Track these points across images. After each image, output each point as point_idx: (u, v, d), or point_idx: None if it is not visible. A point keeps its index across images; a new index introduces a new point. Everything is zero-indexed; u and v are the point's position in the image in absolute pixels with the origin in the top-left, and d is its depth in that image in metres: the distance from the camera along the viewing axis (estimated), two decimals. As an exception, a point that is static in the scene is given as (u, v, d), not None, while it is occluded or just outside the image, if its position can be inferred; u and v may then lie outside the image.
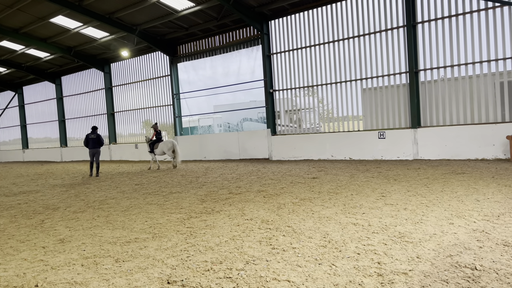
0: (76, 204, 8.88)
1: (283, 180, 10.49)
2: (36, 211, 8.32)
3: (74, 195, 10.31)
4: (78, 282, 4.07)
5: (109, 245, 5.35)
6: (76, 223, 6.89)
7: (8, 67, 25.94)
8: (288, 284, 3.66)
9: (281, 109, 17.48)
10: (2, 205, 9.40)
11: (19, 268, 4.63)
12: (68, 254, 5.06)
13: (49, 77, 27.58)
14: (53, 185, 13.06)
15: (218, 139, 19.72)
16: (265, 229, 5.63)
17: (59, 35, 20.31)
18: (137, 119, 23.88)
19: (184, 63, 20.78)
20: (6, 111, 33.05)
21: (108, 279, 4.08)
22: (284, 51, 16.97)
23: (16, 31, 20.01)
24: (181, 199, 8.61)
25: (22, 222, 7.33)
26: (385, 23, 14.37)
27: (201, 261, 4.45)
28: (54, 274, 4.36)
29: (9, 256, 5.18)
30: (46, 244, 5.65)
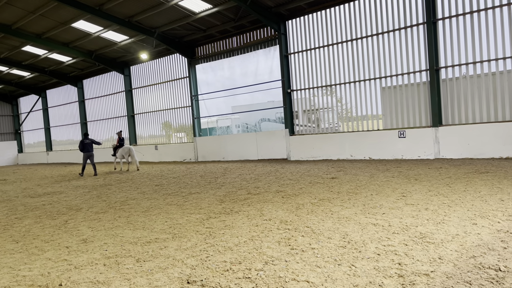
0: (98, 205, 9.05)
1: (302, 181, 10.46)
2: (60, 212, 8.52)
3: (96, 196, 10.52)
4: (100, 281, 4.15)
5: (130, 245, 5.44)
6: (98, 224, 7.03)
7: (32, 72, 26.65)
8: (307, 285, 3.65)
9: (299, 109, 17.42)
10: (28, 206, 9.66)
11: (44, 268, 4.76)
12: (90, 254, 5.17)
13: (71, 80, 28.20)
14: (76, 186, 13.35)
15: (236, 139, 19.79)
16: (284, 230, 5.62)
17: (81, 39, 20.75)
18: (157, 120, 24.19)
19: (202, 64, 20.93)
20: (31, 114, 33.95)
21: (129, 279, 4.15)
22: (302, 51, 16.91)
23: (39, 36, 20.54)
24: (200, 200, 8.68)
25: (46, 222, 7.52)
26: (404, 21, 14.15)
27: (220, 261, 4.48)
28: (78, 273, 4.46)
29: (34, 255, 5.32)
30: (70, 244, 5.79)
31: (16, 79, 29.51)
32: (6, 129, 35.04)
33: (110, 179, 14.72)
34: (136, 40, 20.53)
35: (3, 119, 34.90)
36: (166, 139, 24.39)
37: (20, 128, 35.44)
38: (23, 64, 25.51)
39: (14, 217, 8.35)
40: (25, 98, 34.43)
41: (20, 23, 18.89)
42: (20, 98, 34.95)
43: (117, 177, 15.27)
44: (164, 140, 24.43)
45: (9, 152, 35.01)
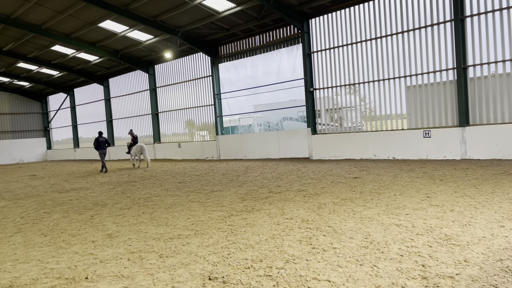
0: (123, 201, 9.25)
1: (324, 180, 10.39)
2: (86, 207, 8.76)
3: (121, 192, 10.74)
4: (124, 275, 4.25)
5: (153, 241, 5.55)
6: (122, 219, 7.19)
7: (61, 70, 27.40)
8: (329, 284, 3.64)
9: (321, 108, 17.29)
10: (56, 201, 9.96)
11: (71, 261, 4.91)
12: (115, 249, 5.30)
13: (98, 79, 28.86)
14: (102, 182, 13.67)
15: (258, 138, 19.82)
16: (305, 229, 5.61)
17: (107, 39, 21.20)
18: (180, 119, 24.48)
19: (225, 63, 21.05)
20: (59, 112, 34.92)
21: (152, 274, 4.24)
22: (325, 49, 16.78)
23: (68, 36, 21.10)
24: (222, 197, 8.75)
25: (73, 217, 7.74)
26: (431, 18, 13.84)
27: (241, 259, 4.51)
28: (103, 267, 4.58)
29: (62, 249, 5.49)
30: (96, 238, 5.94)
31: (46, 77, 30.41)
32: (35, 126, 36.16)
33: (134, 176, 15.00)
34: (161, 39, 20.82)
35: (33, 117, 36.04)
36: (189, 137, 24.66)
37: (49, 125, 36.51)
38: (52, 63, 26.26)
39: (43, 211, 8.63)
40: (54, 96, 35.44)
41: (49, 23, 19.45)
42: (49, 96, 36.01)
43: (141, 174, 15.55)
44: (187, 138, 24.70)
45: (38, 149, 36.14)
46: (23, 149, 35.00)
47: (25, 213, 8.57)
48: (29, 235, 6.47)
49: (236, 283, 3.81)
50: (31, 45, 23.08)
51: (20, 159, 34.70)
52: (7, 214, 8.53)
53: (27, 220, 7.76)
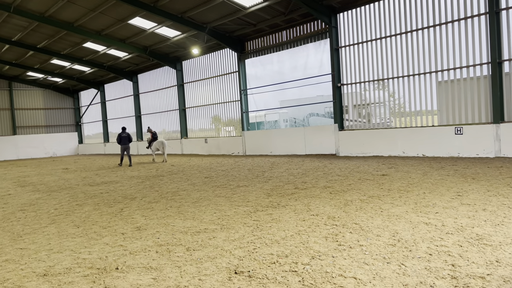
0: (151, 195, 9.45)
1: (351, 177, 10.28)
2: (116, 200, 8.99)
3: (149, 186, 10.97)
4: (153, 267, 4.36)
5: (180, 234, 5.65)
6: (151, 213, 7.35)
7: (92, 67, 28.17)
8: (355, 281, 3.61)
9: (349, 104, 17.07)
10: (87, 194, 10.28)
11: (102, 252, 5.06)
12: (144, 241, 5.43)
13: (127, 75, 29.48)
14: (131, 176, 14.00)
15: (284, 134, 19.78)
16: (331, 225, 5.57)
17: (136, 35, 21.61)
18: (207, 114, 24.72)
19: (252, 59, 21.07)
20: (90, 107, 35.92)
21: (180, 266, 4.32)
22: (353, 44, 16.52)
23: (99, 33, 21.63)
24: (248, 193, 8.80)
25: (104, 209, 7.97)
26: (464, 11, 13.38)
27: (267, 254, 4.53)
28: (132, 258, 4.71)
29: (93, 240, 5.67)
30: (125, 230, 6.10)
31: (78, 74, 31.32)
32: (68, 121, 37.37)
33: (162, 171, 15.28)
34: (188, 36, 21.04)
35: (65, 112, 37.24)
36: (215, 133, 24.88)
37: (81, 120, 37.63)
38: (84, 60, 27.01)
39: (75, 203, 8.93)
40: (85, 92, 36.48)
41: (81, 20, 19.99)
42: (81, 92, 37.10)
43: (168, 169, 15.82)
44: (213, 133, 24.93)
45: (70, 143, 37.35)
46: (56, 143, 36.23)
47: (59, 205, 8.89)
48: (63, 226, 6.71)
49: (262, 278, 3.84)
50: (64, 42, 23.81)
51: (53, 153, 35.95)
52: (42, 206, 8.87)
53: (61, 211, 8.05)
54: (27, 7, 19.02)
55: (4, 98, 33.87)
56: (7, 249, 5.49)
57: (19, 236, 6.17)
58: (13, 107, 34.18)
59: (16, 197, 10.48)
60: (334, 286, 3.53)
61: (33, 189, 12.09)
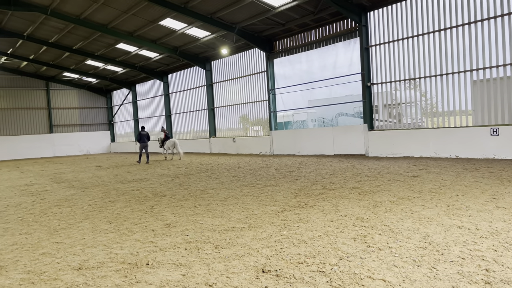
0: (180, 193, 9.61)
1: (380, 178, 10.11)
2: (147, 198, 9.21)
3: (179, 184, 11.17)
4: (182, 263, 4.44)
5: (209, 232, 5.73)
6: (180, 210, 7.48)
7: (124, 67, 28.91)
8: (384, 284, 3.56)
9: (379, 103, 16.77)
10: (119, 191, 10.57)
11: (133, 248, 5.20)
12: (173, 238, 5.54)
13: (158, 75, 30.07)
14: (161, 174, 14.28)
15: (312, 134, 19.65)
16: (360, 227, 5.51)
17: (167, 36, 22.00)
18: (235, 114, 24.88)
19: (280, 58, 21.04)
20: (122, 106, 36.86)
21: (208, 264, 4.39)
22: (384, 43, 16.21)
23: (131, 34, 22.17)
24: (276, 192, 8.81)
25: (135, 206, 8.18)
26: (501, 7, 12.87)
27: (294, 254, 4.53)
28: (162, 255, 4.82)
29: (125, 236, 5.83)
30: (155, 227, 6.25)
31: (111, 74, 32.21)
32: (101, 120, 38.51)
33: (191, 169, 15.51)
34: (217, 36, 21.23)
35: (99, 111, 38.39)
36: (243, 132, 25.01)
37: (113, 119, 38.68)
38: (117, 60, 27.75)
39: (107, 200, 9.20)
40: (118, 92, 37.47)
41: (114, 22, 20.54)
42: (114, 91, 38.13)
43: (197, 167, 16.04)
44: (241, 133, 25.07)
45: (103, 141, 38.47)
46: (89, 141, 37.41)
47: (92, 201, 9.19)
48: (96, 221, 6.94)
49: (289, 277, 3.85)
50: (98, 43, 24.54)
51: (87, 151, 37.12)
52: (76, 202, 9.20)
53: (94, 207, 8.32)
54: (63, 10, 19.72)
55: (41, 97, 35.24)
56: (44, 242, 5.73)
57: (55, 231, 6.42)
58: (50, 107, 35.51)
59: (53, 193, 10.90)
60: (362, 288, 3.50)
61: (68, 185, 12.53)
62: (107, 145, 38.73)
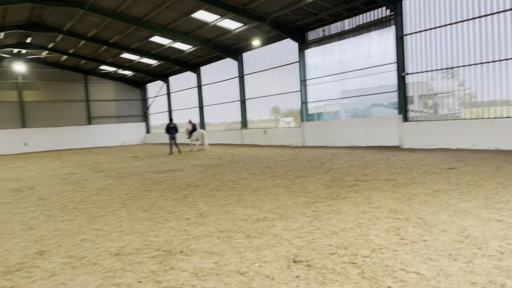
0: (213, 183, 9.77)
1: (415, 170, 9.87)
2: (181, 187, 9.42)
3: (211, 175, 11.34)
4: (215, 252, 4.54)
5: (241, 222, 5.81)
6: (212, 200, 7.62)
7: (158, 60, 29.47)
8: (417, 277, 3.51)
9: (414, 94, 16.29)
10: (154, 181, 10.87)
11: (168, 235, 5.36)
12: (206, 227, 5.66)
13: (191, 67, 30.46)
14: (194, 165, 14.54)
15: (344, 125, 19.38)
16: (393, 219, 5.43)
17: (199, 28, 22.21)
18: (266, 105, 24.88)
19: (312, 48, 20.80)
20: (156, 98, 37.63)
21: (240, 252, 4.46)
22: (419, 31, 15.68)
23: (165, 27, 22.53)
24: (307, 184, 8.79)
25: (169, 196, 8.39)
26: (548, -9, 12.16)
27: (326, 244, 4.53)
28: (195, 243, 4.94)
29: (160, 224, 6.01)
30: (189, 216, 6.40)
31: (145, 67, 32.91)
32: (136, 111, 39.51)
33: (223, 160, 15.70)
34: (249, 27, 21.22)
35: (134, 103, 39.38)
36: (274, 124, 24.99)
37: (148, 111, 39.59)
38: (151, 53, 28.31)
39: (143, 189, 9.49)
40: (152, 84, 38.24)
41: (149, 16, 20.94)
42: (148, 84, 38.95)
43: (229, 158, 16.21)
44: (272, 124, 25.06)
45: (138, 132, 39.49)
46: (125, 132, 38.48)
47: (129, 190, 9.50)
48: (132, 210, 7.18)
49: (321, 268, 3.86)
50: (133, 36, 25.10)
51: (123, 142, 38.22)
52: (113, 191, 9.54)
53: (130, 196, 8.60)
54: (100, 5, 20.28)
55: (80, 90, 36.49)
56: (84, 229, 5.99)
57: (95, 218, 6.70)
58: (88, 99, 36.75)
59: (92, 182, 11.35)
60: (395, 280, 3.47)
61: (106, 175, 13.00)
62: (142, 136, 39.72)
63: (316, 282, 3.54)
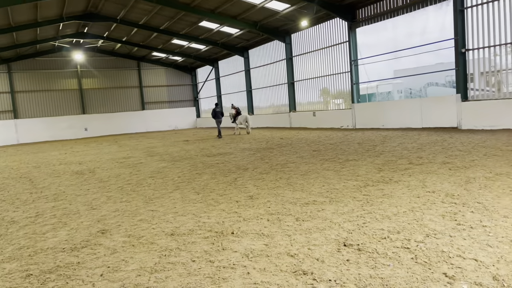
0: (262, 166, 9.86)
1: (474, 152, 9.34)
2: (230, 170, 9.60)
3: (260, 158, 11.44)
4: (265, 234, 4.62)
5: (290, 205, 5.84)
6: (262, 183, 7.70)
7: (207, 45, 29.83)
8: (475, 263, 3.37)
9: (474, 71, 15.29)
10: (205, 164, 11.16)
11: (219, 217, 5.51)
12: (256, 209, 5.75)
13: (239, 51, 30.56)
14: (243, 148, 14.73)
15: (397, 106, 18.65)
16: (450, 203, 5.21)
17: (247, 11, 22.13)
18: (315, 87, 24.49)
19: (363, 27, 20.05)
20: (206, 83, 38.28)
21: (289, 235, 4.50)
22: (482, 3, 14.58)
23: (213, 12, 22.70)
24: (358, 167, 8.63)
25: (220, 179, 8.59)
26: None
27: (377, 229, 4.45)
28: (246, 225, 5.04)
29: (211, 206, 6.19)
30: (239, 199, 6.53)
31: (194, 52, 33.48)
32: (187, 96, 40.50)
33: (271, 143, 15.75)
34: (297, 8, 20.82)
35: (184, 88, 40.36)
36: (323, 106, 24.59)
37: (198, 96, 40.43)
38: (200, 38, 28.71)
39: (195, 172, 9.78)
40: (201, 69, 38.90)
41: (197, 0, 21.16)
42: (198, 69, 39.67)
43: (277, 142, 16.24)
44: (321, 106, 24.67)
45: (189, 117, 40.52)
46: (177, 117, 39.63)
47: (181, 173, 9.83)
48: (185, 192, 7.44)
49: (372, 252, 3.81)
50: (182, 22, 25.53)
51: (175, 126, 39.42)
52: (167, 174, 9.91)
53: (183, 179, 8.91)
54: (151, -8, 20.80)
55: (134, 77, 37.93)
56: (141, 210, 6.31)
57: (150, 200, 7.03)
58: (141, 85, 38.15)
59: (147, 166, 11.86)
60: (451, 267, 3.35)
61: (160, 158, 13.52)
62: (193, 120, 40.71)
63: (367, 266, 3.51)
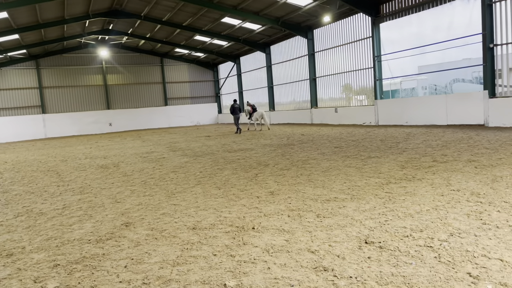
0: (283, 162, 9.86)
1: (502, 150, 9.09)
2: (251, 166, 9.64)
3: (281, 154, 11.44)
4: (285, 230, 4.63)
5: (311, 201, 5.83)
6: (282, 179, 7.71)
7: (229, 41, 29.92)
8: (501, 264, 3.30)
9: (503, 67, 14.83)
10: (227, 159, 11.24)
11: (240, 212, 5.56)
12: (277, 205, 5.77)
13: (261, 47, 30.53)
14: (264, 144, 14.75)
15: (422, 102, 18.29)
16: (475, 202, 5.10)
17: (269, 7, 22.08)
18: (337, 83, 24.25)
19: (387, 22, 19.71)
20: (227, 79, 38.43)
21: (310, 231, 4.50)
22: (512, -3, 14.14)
23: (235, 8, 22.74)
24: (380, 164, 8.52)
25: (241, 174, 8.64)
26: None
27: (399, 227, 4.41)
28: (266, 220, 5.07)
29: (232, 201, 6.24)
30: (260, 194, 6.56)
31: (216, 48, 33.64)
32: (208, 92, 40.78)
33: (292, 139, 15.71)
34: (320, 3, 20.64)
35: (206, 84, 40.64)
36: (345, 102, 24.34)
37: (220, 92, 40.64)
38: (222, 35, 28.82)
39: (216, 167, 9.86)
40: (223, 65, 39.06)
41: (219, -3, 21.27)
42: (219, 65, 39.85)
43: (298, 138, 16.19)
44: (343, 103, 24.43)
45: (211, 113, 40.80)
46: (199, 113, 39.98)
47: (203, 168, 9.94)
48: (207, 187, 7.53)
49: (394, 250, 3.77)
50: (205, 19, 25.69)
51: (197, 122, 39.79)
52: (189, 169, 10.04)
53: (205, 174, 9.00)
54: (174, -11, 21.00)
55: (157, 73, 38.46)
56: (163, 204, 6.42)
57: (173, 194, 7.14)
58: (164, 81, 38.63)
59: (169, 160, 12.03)
60: (475, 266, 3.29)
61: (182, 153, 13.69)
62: (215, 116, 40.97)
63: (389, 264, 3.48)
